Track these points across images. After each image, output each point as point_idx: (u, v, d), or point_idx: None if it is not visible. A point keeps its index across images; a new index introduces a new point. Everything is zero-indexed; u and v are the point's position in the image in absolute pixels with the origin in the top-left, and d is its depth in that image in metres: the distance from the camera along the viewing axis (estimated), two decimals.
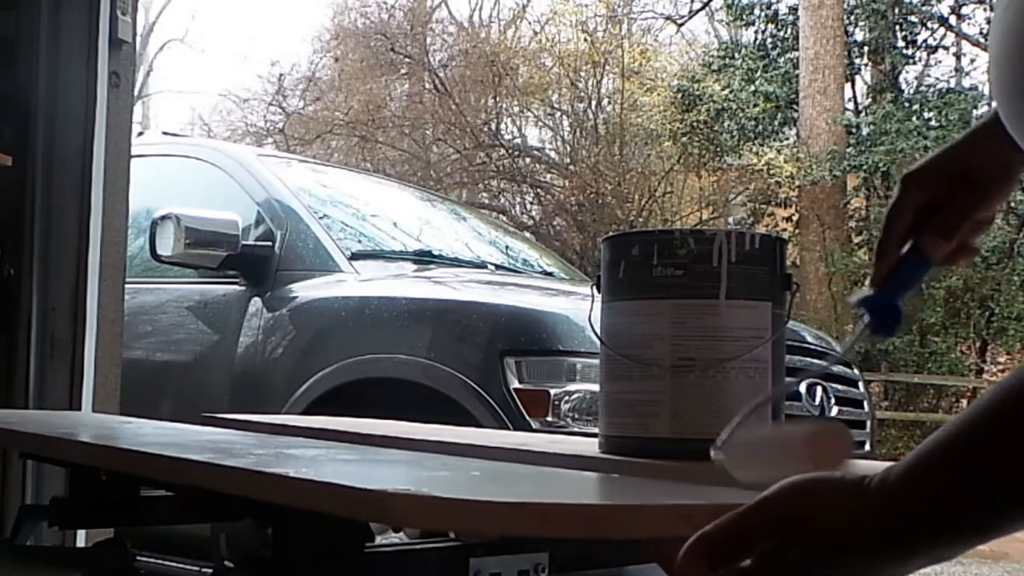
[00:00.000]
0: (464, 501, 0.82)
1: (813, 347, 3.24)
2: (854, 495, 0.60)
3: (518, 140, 16.53)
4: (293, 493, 0.92)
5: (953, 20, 14.67)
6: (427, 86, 16.41)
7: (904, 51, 14.19)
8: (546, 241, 12.55)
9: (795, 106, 13.48)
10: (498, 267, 3.92)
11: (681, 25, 16.71)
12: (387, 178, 7.62)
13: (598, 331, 1.31)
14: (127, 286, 2.88)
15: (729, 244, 1.22)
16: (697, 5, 16.18)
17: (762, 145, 13.55)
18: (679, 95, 14.04)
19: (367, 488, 0.83)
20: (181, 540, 2.86)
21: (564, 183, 15.39)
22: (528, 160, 16.01)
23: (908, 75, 14.79)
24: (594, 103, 15.77)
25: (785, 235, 11.61)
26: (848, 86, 14.14)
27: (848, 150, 12.85)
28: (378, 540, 1.31)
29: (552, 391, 2.72)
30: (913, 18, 14.14)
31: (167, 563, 3.10)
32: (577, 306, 2.78)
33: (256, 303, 3.36)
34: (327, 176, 4.44)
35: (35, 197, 2.62)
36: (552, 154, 16.56)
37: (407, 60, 16.31)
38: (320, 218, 3.58)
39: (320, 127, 16.39)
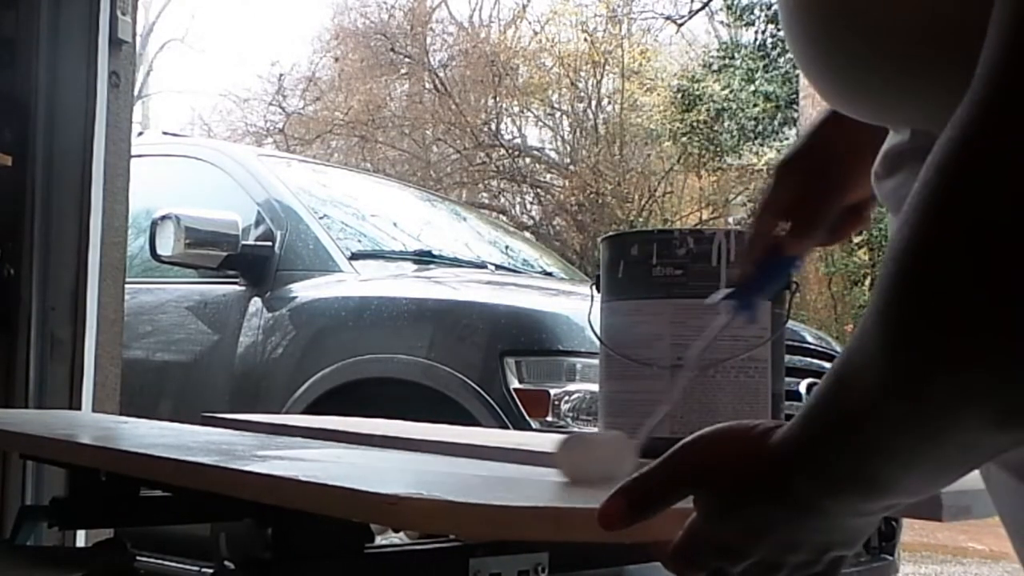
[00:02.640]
0: (476, 505, 0.82)
1: (813, 347, 3.24)
2: (756, 441, 0.60)
3: (518, 140, 16.53)
4: (304, 497, 0.91)
5: None
6: (427, 86, 16.42)
7: None
8: (546, 241, 12.55)
9: (795, 106, 13.47)
10: (498, 267, 3.92)
11: (681, 25, 16.69)
12: (387, 178, 7.62)
13: (597, 331, 1.31)
14: (127, 286, 2.88)
15: (728, 243, 1.22)
16: (697, 5, 16.17)
17: (762, 145, 13.56)
18: (679, 95, 14.05)
19: (379, 492, 0.83)
20: (181, 540, 2.86)
21: (564, 183, 15.39)
22: (528, 160, 16.01)
23: None
24: (594, 103, 15.78)
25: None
26: None
27: None
28: (378, 540, 1.31)
29: (552, 391, 2.72)
30: None
31: (167, 563, 3.10)
32: (577, 306, 2.78)
33: (256, 303, 3.36)
34: (327, 176, 4.44)
35: (35, 197, 2.62)
36: (552, 154, 16.57)
37: (407, 60, 16.31)
38: (320, 218, 3.59)
39: (320, 127, 16.40)
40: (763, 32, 14.47)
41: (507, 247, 4.54)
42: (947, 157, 0.47)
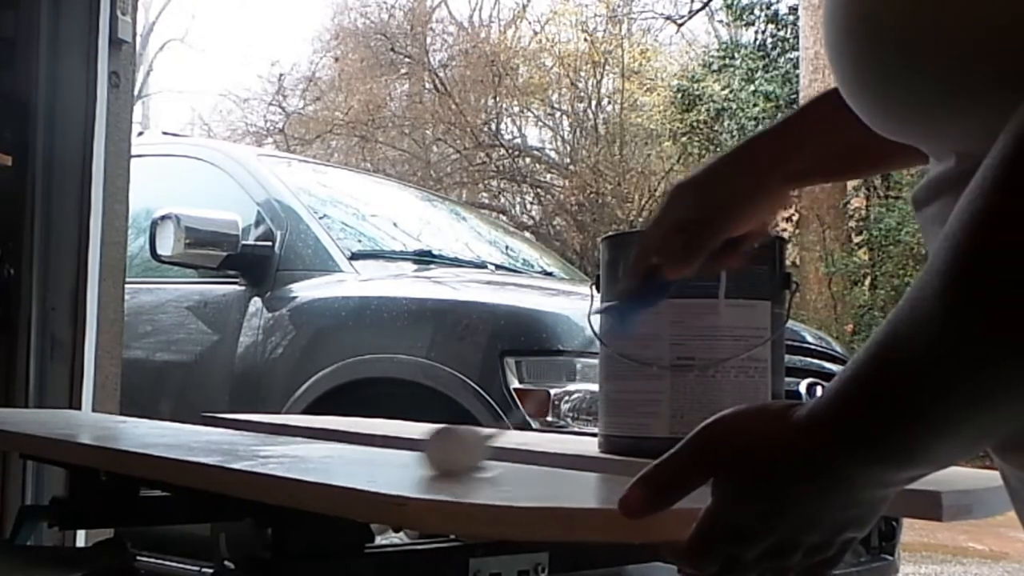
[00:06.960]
0: (487, 506, 0.82)
1: (813, 347, 3.24)
2: (776, 420, 0.61)
3: (518, 140, 16.52)
4: (310, 497, 0.91)
5: None
6: (427, 86, 16.41)
7: None
8: (546, 241, 12.55)
9: (795, 106, 13.41)
10: (498, 267, 3.92)
11: (681, 25, 16.69)
12: (387, 178, 7.62)
13: (597, 331, 1.31)
14: (127, 286, 2.88)
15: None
16: (697, 5, 16.17)
17: None
18: (679, 95, 14.05)
19: (388, 493, 0.83)
20: (181, 540, 2.86)
21: (564, 183, 15.38)
22: (528, 160, 16.01)
23: None
24: (594, 103, 15.78)
25: (785, 235, 11.60)
26: None
27: None
28: (378, 540, 1.31)
29: (552, 391, 2.72)
30: None
31: (167, 563, 3.10)
32: (577, 306, 2.78)
33: (256, 303, 3.36)
34: (327, 176, 4.44)
35: (35, 197, 2.62)
36: (552, 154, 16.56)
37: (407, 60, 16.31)
38: (320, 218, 3.58)
39: (320, 127, 16.39)
40: (763, 32, 14.47)
41: (507, 247, 4.54)
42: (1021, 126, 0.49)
